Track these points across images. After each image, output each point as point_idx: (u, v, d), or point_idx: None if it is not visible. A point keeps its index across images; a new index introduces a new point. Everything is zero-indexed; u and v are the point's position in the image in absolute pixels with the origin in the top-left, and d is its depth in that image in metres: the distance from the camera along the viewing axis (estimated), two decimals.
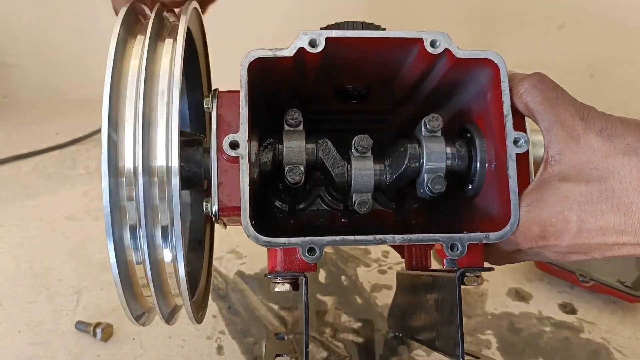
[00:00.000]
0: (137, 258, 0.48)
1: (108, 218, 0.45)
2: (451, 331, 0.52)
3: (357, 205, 0.53)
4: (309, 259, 0.47)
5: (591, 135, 0.46)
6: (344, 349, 0.76)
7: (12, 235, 0.96)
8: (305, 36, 0.48)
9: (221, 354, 0.75)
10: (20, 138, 1.26)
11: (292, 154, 0.53)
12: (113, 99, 0.46)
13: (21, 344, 0.76)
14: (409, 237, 0.49)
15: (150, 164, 0.46)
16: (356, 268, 0.91)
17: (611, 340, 0.79)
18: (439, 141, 0.53)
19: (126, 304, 0.50)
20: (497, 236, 0.48)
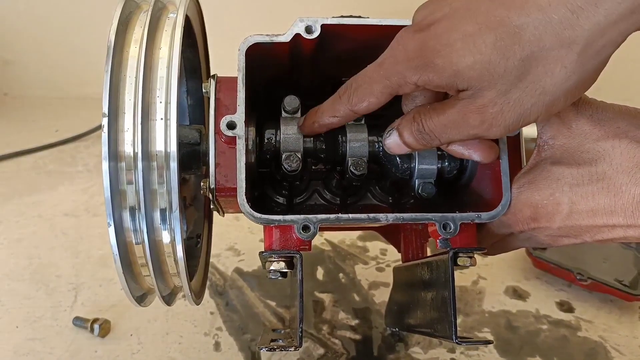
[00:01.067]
0: (137, 239, 0.49)
1: (108, 201, 0.46)
2: (445, 311, 0.52)
3: (352, 166, 0.53)
4: (304, 236, 0.49)
5: (582, 120, 0.47)
6: (341, 346, 0.77)
7: (11, 231, 0.96)
8: (301, 23, 0.50)
9: (218, 351, 0.75)
10: (20, 135, 1.26)
11: (289, 140, 0.53)
12: (113, 85, 0.46)
13: (19, 339, 0.76)
14: (402, 215, 0.50)
15: (149, 149, 0.47)
16: (354, 266, 0.91)
17: (608, 338, 0.79)
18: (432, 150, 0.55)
19: (125, 282, 0.51)
20: (489, 216, 0.50)
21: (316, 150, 0.56)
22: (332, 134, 0.55)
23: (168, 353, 0.75)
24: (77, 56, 1.40)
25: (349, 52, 0.54)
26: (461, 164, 0.56)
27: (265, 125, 0.55)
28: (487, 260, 0.92)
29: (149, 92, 0.48)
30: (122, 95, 0.47)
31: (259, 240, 0.95)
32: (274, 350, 0.52)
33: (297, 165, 0.52)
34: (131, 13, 0.52)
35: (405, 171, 0.55)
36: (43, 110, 1.38)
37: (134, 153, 0.46)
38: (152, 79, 0.48)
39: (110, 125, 0.46)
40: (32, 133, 1.27)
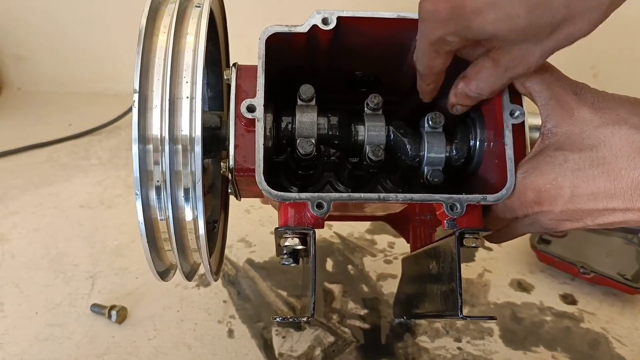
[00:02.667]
0: (161, 216, 0.52)
1: (137, 180, 0.49)
2: (451, 290, 0.54)
3: (370, 152, 0.56)
4: (318, 213, 0.51)
5: (584, 108, 0.50)
6: (350, 334, 0.79)
7: (28, 221, 0.99)
8: (318, 15, 0.52)
9: (232, 337, 0.77)
10: (34, 129, 1.28)
11: (305, 127, 0.56)
12: (143, 72, 0.49)
13: (39, 324, 0.79)
14: (412, 196, 0.53)
15: (175, 133, 0.50)
16: (362, 258, 0.93)
17: (610, 330, 0.81)
18: (439, 137, 0.58)
19: (150, 256, 0.54)
20: (494, 198, 0.52)
21: (330, 136, 0.58)
22: (346, 121, 0.58)
23: (183, 339, 0.77)
24: (89, 52, 1.43)
25: (363, 45, 0.57)
26: (468, 152, 0.58)
27: (282, 112, 0.58)
28: (493, 254, 0.94)
29: (176, 78, 0.50)
30: (151, 81, 0.50)
31: (269, 233, 0.98)
32: (288, 319, 0.55)
33: (311, 149, 0.55)
34: (160, 3, 0.55)
35: (415, 158, 0.58)
36: (56, 105, 1.41)
37: (161, 136, 0.49)
38: (179, 64, 0.51)
39: (140, 110, 0.48)
40: (45, 127, 1.29)
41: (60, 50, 1.43)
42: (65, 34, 1.41)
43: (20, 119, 1.34)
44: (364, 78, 0.63)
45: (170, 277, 0.61)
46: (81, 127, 1.28)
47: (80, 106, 1.40)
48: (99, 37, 1.41)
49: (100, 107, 1.38)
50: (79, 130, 1.27)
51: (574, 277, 0.89)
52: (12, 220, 0.99)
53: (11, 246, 0.93)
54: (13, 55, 1.43)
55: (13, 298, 0.83)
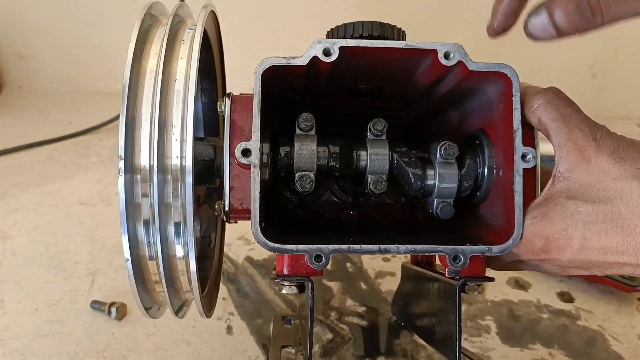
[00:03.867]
0: (150, 253, 0.49)
1: (123, 215, 0.46)
2: (449, 333, 0.54)
3: (373, 184, 0.54)
4: (316, 266, 0.48)
5: (603, 157, 0.47)
6: (348, 331, 0.79)
7: (28, 219, 1.00)
8: (319, 45, 0.48)
9: (231, 334, 0.78)
10: (34, 127, 1.29)
11: (303, 159, 0.53)
12: (131, 98, 0.46)
13: (39, 321, 0.79)
14: (414, 247, 0.50)
15: (165, 162, 0.47)
16: (361, 256, 0.94)
17: (607, 328, 0.81)
18: (452, 168, 0.54)
19: (139, 298, 0.51)
20: (500, 249, 0.49)
21: (330, 168, 0.55)
22: (347, 150, 0.55)
23: (182, 336, 0.77)
24: (90, 51, 1.44)
25: (365, 67, 0.54)
26: (475, 182, 0.55)
27: (279, 140, 0.55)
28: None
29: (165, 106, 0.47)
30: (140, 108, 0.47)
31: None
32: None
33: (310, 187, 0.53)
34: (150, 26, 0.52)
35: (420, 190, 0.55)
36: (56, 103, 1.42)
37: (149, 166, 0.46)
38: (170, 93, 0.48)
39: (127, 138, 0.46)
40: (46, 125, 1.30)
41: (60, 48, 1.44)
42: (66, 33, 1.42)
43: (21, 117, 1.35)
44: (367, 90, 0.61)
45: (160, 314, 0.59)
46: (81, 125, 1.29)
47: (80, 105, 1.41)
48: (100, 36, 1.42)
49: (101, 105, 1.38)
50: (80, 129, 1.28)
51: (571, 275, 0.89)
52: (12, 218, 1.00)
53: (12, 243, 0.94)
54: (14, 54, 1.43)
55: (13, 295, 0.84)
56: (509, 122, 0.50)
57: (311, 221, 0.61)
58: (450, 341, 0.52)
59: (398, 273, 0.89)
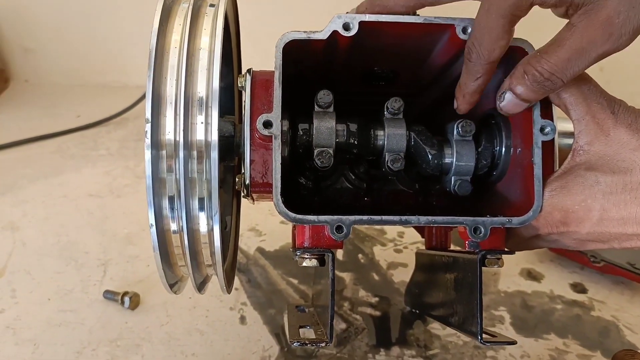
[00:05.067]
0: (175, 228, 0.49)
1: (150, 189, 0.46)
2: (470, 310, 0.54)
3: (390, 162, 0.54)
4: (337, 237, 0.49)
5: (621, 129, 0.47)
6: (362, 321, 0.79)
7: (38, 210, 0.99)
8: (339, 19, 0.49)
9: (244, 324, 0.78)
10: (42, 120, 1.29)
11: (322, 135, 0.53)
12: (156, 74, 0.47)
13: (51, 310, 0.79)
14: (434, 218, 0.50)
15: (190, 138, 0.47)
16: (372, 247, 0.94)
17: (620, 318, 0.81)
18: (469, 146, 0.55)
19: (163, 272, 0.51)
20: (520, 221, 0.50)
21: (349, 144, 0.56)
22: (365, 128, 0.56)
23: (195, 325, 0.77)
24: (96, 45, 1.44)
25: (383, 46, 0.54)
26: (492, 160, 0.56)
27: (298, 118, 0.55)
28: None
29: (191, 82, 0.48)
30: (165, 85, 0.47)
31: (280, 222, 0.98)
32: (306, 345, 0.54)
33: (329, 162, 0.53)
34: (172, 2, 0.52)
35: (437, 167, 0.55)
36: (63, 97, 1.41)
37: (175, 141, 0.47)
38: (194, 68, 0.48)
39: (152, 114, 0.46)
40: (54, 119, 1.30)
41: (67, 42, 1.43)
42: (72, 27, 1.41)
43: (29, 111, 1.35)
44: (382, 73, 0.61)
45: (181, 289, 0.59)
46: (89, 118, 1.29)
47: (87, 98, 1.40)
48: (106, 30, 1.41)
49: (108, 99, 1.38)
50: (87, 122, 1.27)
51: (584, 266, 0.89)
52: (22, 209, 0.99)
53: (22, 234, 0.93)
54: (21, 48, 1.43)
55: (25, 284, 0.83)
56: None
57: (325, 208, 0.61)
58: (472, 317, 0.52)
59: (409, 264, 0.89)
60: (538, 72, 0.46)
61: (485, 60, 0.47)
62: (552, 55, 0.45)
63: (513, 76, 0.48)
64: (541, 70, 0.45)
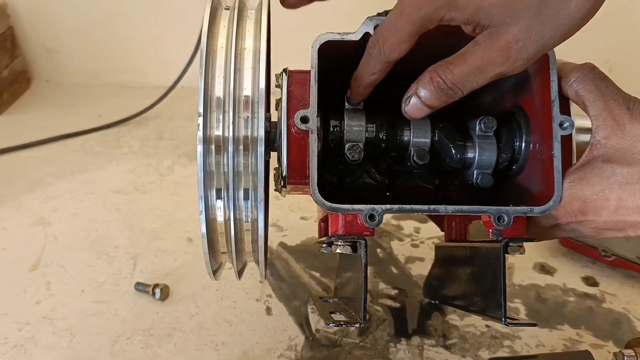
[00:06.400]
0: (220, 217, 0.53)
1: (200, 180, 0.50)
2: (493, 295, 0.57)
3: (416, 156, 0.57)
4: (370, 225, 0.52)
5: (636, 124, 0.51)
6: (382, 312, 0.82)
7: (66, 206, 1.03)
8: (370, 22, 0.53)
9: (270, 315, 0.81)
10: (64, 120, 1.32)
11: (353, 132, 0.57)
12: (207, 74, 0.50)
13: (85, 302, 0.82)
14: (461, 208, 0.53)
15: (237, 133, 0.51)
16: (390, 242, 0.97)
17: (632, 310, 0.84)
18: (491, 141, 0.58)
19: (208, 258, 0.55)
20: (541, 210, 0.53)
21: (377, 140, 0.59)
22: (391, 124, 0.59)
23: (224, 316, 0.81)
24: (116, 45, 1.46)
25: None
26: (512, 154, 0.59)
27: (330, 115, 0.58)
28: None
29: (238, 81, 0.51)
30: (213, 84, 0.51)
31: (300, 218, 1.02)
32: (341, 325, 0.57)
33: (360, 156, 0.56)
34: (217, 6, 0.56)
35: (460, 162, 0.58)
36: (84, 97, 1.44)
37: (223, 137, 0.51)
38: (241, 67, 0.52)
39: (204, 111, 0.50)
40: (76, 118, 1.33)
41: (88, 43, 1.46)
42: (93, 27, 1.44)
43: (50, 110, 1.38)
44: (406, 73, 0.64)
45: (220, 276, 0.63)
46: (110, 117, 1.32)
47: (107, 98, 1.44)
48: (126, 31, 1.44)
49: (127, 98, 1.41)
50: (109, 121, 1.31)
51: (595, 260, 0.92)
52: (51, 205, 1.03)
53: (53, 229, 0.97)
54: (42, 48, 1.46)
55: (59, 277, 0.87)
56: (546, 94, 0.54)
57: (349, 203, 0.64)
58: (495, 301, 0.55)
59: (427, 258, 0.92)
60: (442, 80, 0.49)
61: (384, 58, 0.51)
62: (455, 67, 0.48)
63: (419, 82, 0.51)
64: (445, 79, 0.49)
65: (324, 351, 0.76)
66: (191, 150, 1.21)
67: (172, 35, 1.42)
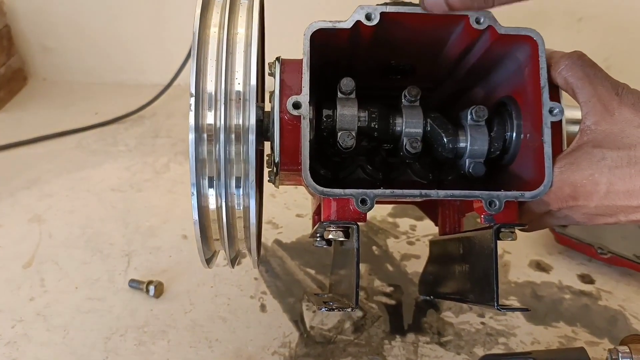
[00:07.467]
0: (213, 205, 0.54)
1: (193, 168, 0.51)
2: (486, 282, 0.57)
3: (409, 145, 0.58)
4: (362, 209, 0.53)
5: (625, 108, 0.51)
6: (377, 309, 0.82)
7: (62, 203, 1.03)
8: (362, 10, 0.53)
9: (264, 312, 0.81)
10: (61, 117, 1.32)
11: (345, 120, 0.57)
12: (199, 61, 0.51)
13: (80, 298, 0.82)
14: (452, 192, 0.54)
15: (229, 122, 0.51)
16: (386, 239, 0.97)
17: (627, 307, 0.84)
18: (482, 130, 0.58)
19: (201, 245, 0.56)
20: (532, 195, 0.53)
21: (370, 128, 0.59)
22: (384, 114, 0.59)
23: (218, 313, 0.80)
24: (113, 43, 1.46)
25: (402, 38, 0.58)
26: (504, 143, 0.59)
27: (323, 104, 0.59)
28: None
29: (230, 69, 0.52)
30: (206, 71, 0.51)
31: (295, 216, 1.01)
32: (334, 310, 0.57)
33: (352, 143, 0.56)
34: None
35: (452, 151, 0.59)
36: (81, 95, 1.44)
37: (215, 126, 0.51)
38: (233, 58, 0.52)
39: (196, 101, 0.50)
40: (73, 116, 1.33)
41: (84, 40, 1.46)
42: (89, 25, 1.44)
43: (48, 108, 1.38)
44: (399, 67, 0.65)
45: (214, 264, 0.64)
46: (107, 115, 1.32)
47: (104, 96, 1.43)
48: (123, 28, 1.44)
49: (124, 96, 1.41)
50: (105, 119, 1.31)
51: (591, 258, 0.92)
52: (47, 203, 1.03)
53: (48, 226, 0.97)
54: (39, 46, 1.46)
55: (53, 274, 0.87)
56: (536, 82, 0.54)
57: None
58: (488, 288, 0.56)
59: (422, 256, 0.92)
60: None
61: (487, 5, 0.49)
62: None
63: None
64: None
65: (319, 348, 0.76)
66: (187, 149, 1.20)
67: (168, 34, 1.42)
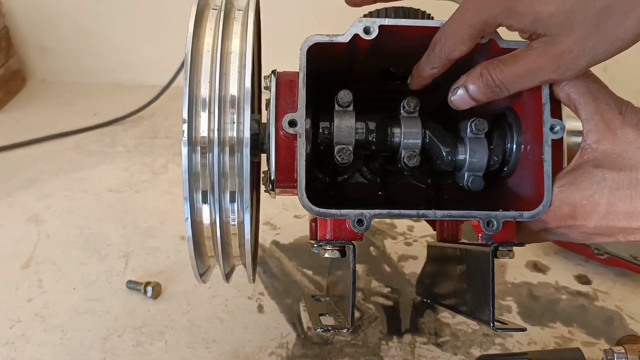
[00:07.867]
0: (207, 220, 0.52)
1: (186, 183, 0.50)
2: (482, 299, 0.56)
3: (406, 158, 0.56)
4: (358, 230, 0.52)
5: (628, 128, 0.50)
6: (374, 310, 0.82)
7: (60, 204, 1.03)
8: (360, 23, 0.52)
9: (262, 312, 0.81)
10: (60, 118, 1.32)
11: (342, 133, 0.56)
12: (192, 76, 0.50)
13: (78, 299, 0.82)
14: (450, 212, 0.53)
15: (223, 135, 0.50)
16: (383, 240, 0.97)
17: (624, 308, 0.84)
18: (482, 143, 0.57)
19: (195, 262, 0.55)
20: (530, 215, 0.52)
21: (368, 141, 0.58)
22: (382, 126, 0.58)
23: (216, 313, 0.81)
24: (111, 44, 1.47)
25: (400, 48, 0.57)
26: (504, 156, 0.58)
27: (319, 117, 0.58)
28: None
29: (224, 83, 0.51)
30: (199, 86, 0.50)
31: (293, 217, 1.01)
32: (329, 331, 0.56)
33: (349, 159, 0.55)
34: (204, 6, 0.55)
35: (451, 164, 0.58)
36: (79, 95, 1.45)
37: (209, 139, 0.50)
38: (227, 69, 0.51)
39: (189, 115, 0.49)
40: (71, 117, 1.33)
41: (83, 41, 1.46)
42: (88, 26, 1.44)
43: (46, 109, 1.38)
44: (398, 73, 0.63)
45: (208, 278, 0.63)
46: (105, 116, 1.32)
47: (103, 97, 1.44)
48: (121, 29, 1.45)
49: (123, 97, 1.41)
50: (104, 120, 1.31)
51: (588, 259, 0.92)
52: (45, 203, 1.03)
53: (46, 227, 0.97)
54: (37, 47, 1.46)
55: (51, 274, 0.87)
56: (537, 97, 0.53)
57: (341, 201, 0.64)
58: (484, 305, 0.55)
59: (419, 257, 0.92)
60: (492, 78, 0.50)
61: (445, 56, 0.52)
62: (507, 67, 0.50)
63: (470, 75, 0.52)
64: (494, 77, 0.50)
65: (316, 349, 0.76)
66: None
67: (167, 35, 1.42)
